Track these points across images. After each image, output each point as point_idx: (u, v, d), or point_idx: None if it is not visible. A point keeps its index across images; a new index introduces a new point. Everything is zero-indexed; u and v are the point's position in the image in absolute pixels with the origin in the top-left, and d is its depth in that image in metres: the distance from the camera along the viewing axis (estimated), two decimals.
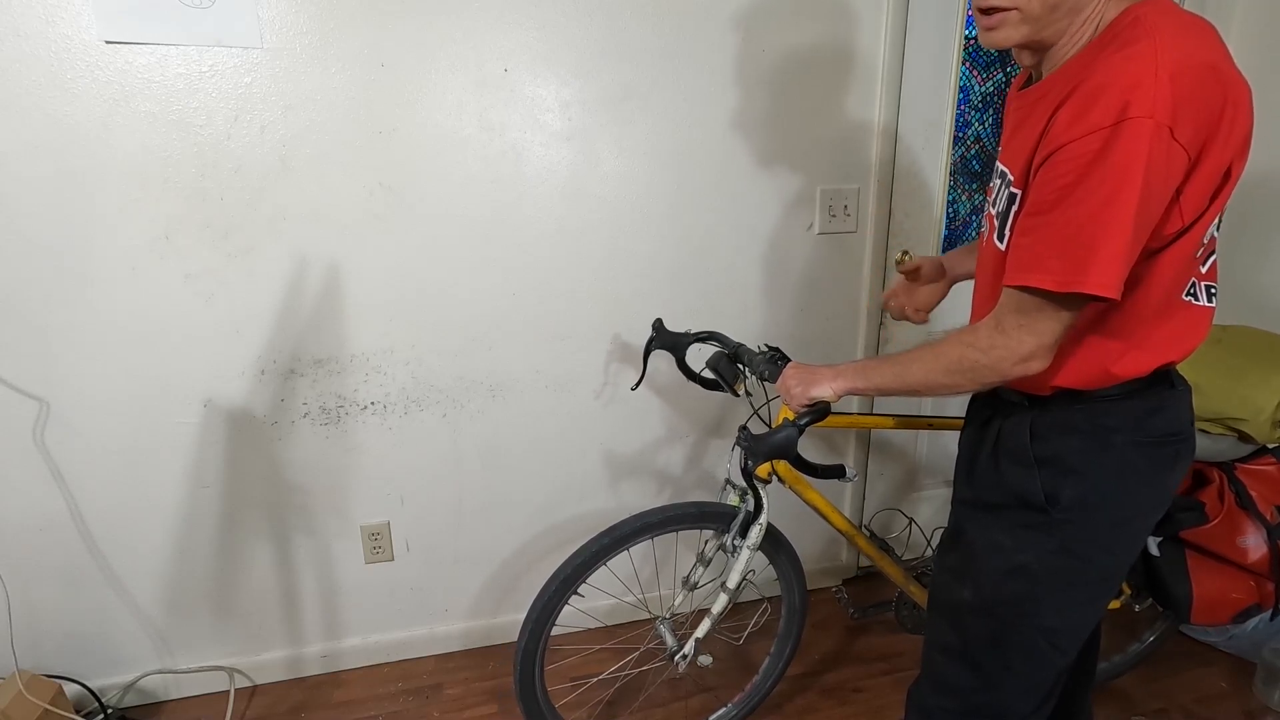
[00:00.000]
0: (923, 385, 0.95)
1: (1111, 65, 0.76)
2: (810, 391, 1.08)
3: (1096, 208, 0.76)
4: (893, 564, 1.53)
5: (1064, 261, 0.79)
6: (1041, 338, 0.84)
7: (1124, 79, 0.74)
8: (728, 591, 1.37)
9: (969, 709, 1.07)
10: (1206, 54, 0.77)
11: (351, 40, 1.43)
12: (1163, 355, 0.91)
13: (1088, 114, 0.75)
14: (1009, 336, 0.86)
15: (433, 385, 1.68)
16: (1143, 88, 0.73)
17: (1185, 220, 0.81)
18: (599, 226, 1.67)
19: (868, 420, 1.48)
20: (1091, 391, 0.93)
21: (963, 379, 0.91)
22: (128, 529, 1.60)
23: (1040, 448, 0.96)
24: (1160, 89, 0.73)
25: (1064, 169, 0.78)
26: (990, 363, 0.87)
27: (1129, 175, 0.74)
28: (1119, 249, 0.76)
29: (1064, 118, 0.78)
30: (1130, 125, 0.73)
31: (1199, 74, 0.75)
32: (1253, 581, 1.38)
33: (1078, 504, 0.94)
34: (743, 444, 1.19)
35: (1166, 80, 0.73)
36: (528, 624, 1.35)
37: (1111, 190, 0.75)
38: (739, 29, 1.61)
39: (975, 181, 1.93)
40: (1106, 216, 0.75)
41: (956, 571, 1.07)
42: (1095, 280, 0.77)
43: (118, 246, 1.43)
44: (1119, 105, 0.73)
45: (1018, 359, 0.86)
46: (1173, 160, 0.75)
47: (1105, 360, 0.90)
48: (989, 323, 0.88)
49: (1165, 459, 0.96)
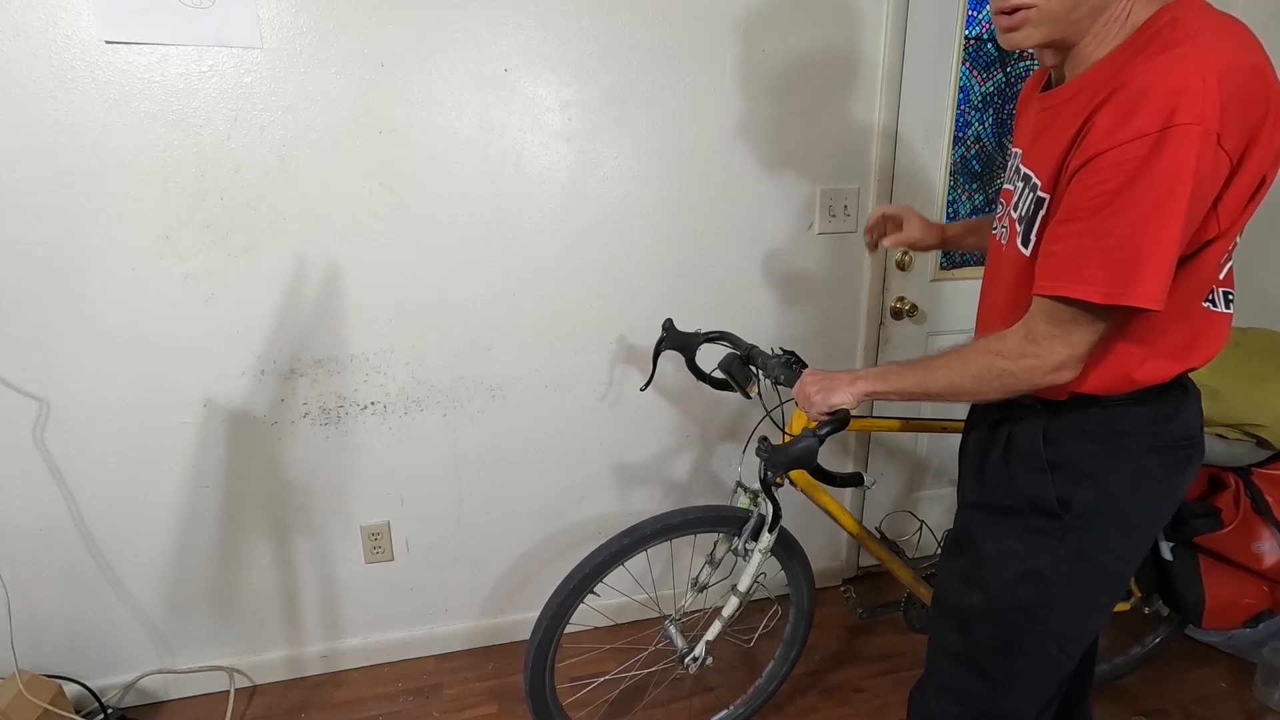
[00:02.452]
0: (947, 392, 0.93)
1: (1154, 68, 0.73)
2: (831, 399, 1.04)
3: (1143, 216, 0.73)
4: (902, 566, 1.52)
5: (1108, 272, 0.76)
6: (1074, 348, 0.82)
7: (1169, 83, 0.72)
8: (739, 595, 1.36)
9: (975, 714, 1.07)
10: (1250, 57, 0.75)
11: (351, 40, 1.43)
12: (1184, 362, 0.90)
13: (1131, 119, 0.73)
14: (1040, 346, 0.84)
15: (433, 385, 1.68)
16: (1190, 93, 0.71)
17: (1222, 228, 0.80)
18: (599, 226, 1.67)
19: (875, 423, 1.47)
20: (1106, 396, 0.91)
21: (989, 387, 0.89)
22: (128, 529, 1.60)
23: (1053, 452, 0.94)
24: (1208, 95, 0.71)
25: (1106, 175, 0.75)
26: (1020, 371, 0.86)
27: (1178, 184, 0.71)
28: (1166, 259, 0.74)
29: (1104, 123, 0.75)
30: (1178, 132, 0.70)
31: (1245, 77, 0.73)
32: (1266, 587, 1.37)
33: (1091, 509, 0.93)
34: (763, 455, 1.15)
35: (1215, 85, 0.71)
36: (542, 621, 1.34)
37: (1159, 199, 0.72)
38: (739, 29, 1.61)
39: (975, 182, 1.93)
40: (1154, 226, 0.73)
41: (965, 577, 1.05)
42: (1144, 292, 0.75)
43: (118, 246, 1.43)
44: (1165, 111, 0.71)
45: (1049, 369, 0.84)
46: (1218, 168, 0.74)
47: (1127, 367, 0.89)
48: (1019, 331, 0.86)
49: (1178, 463, 0.95)
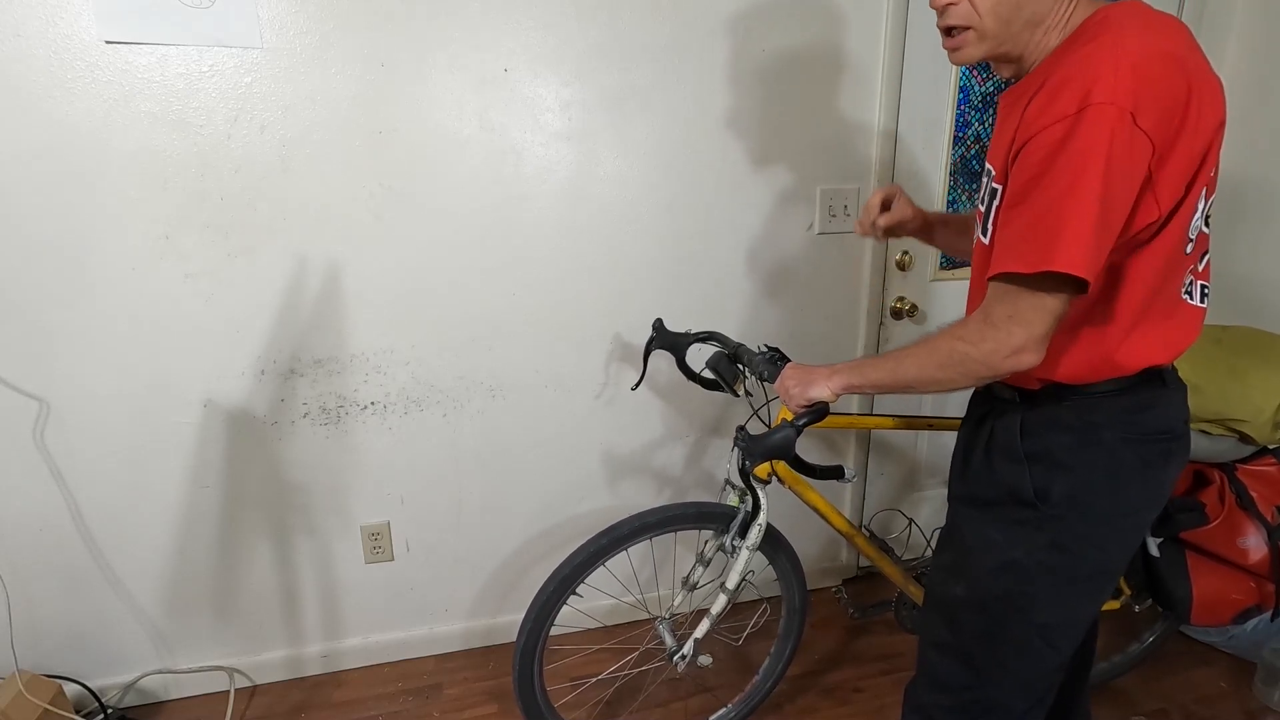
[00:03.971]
0: (917, 381, 0.94)
1: (1077, 59, 0.80)
2: (808, 392, 1.07)
3: (1062, 191, 0.78)
4: (892, 564, 1.53)
5: (1032, 245, 0.80)
6: (1030, 328, 0.84)
7: (1088, 70, 0.77)
8: (727, 592, 1.37)
9: (963, 705, 1.07)
10: (1169, 45, 0.80)
11: (351, 40, 1.43)
12: (1156, 352, 0.92)
13: (1053, 104, 0.78)
14: (998, 329, 0.85)
15: (433, 385, 1.68)
16: (1104, 77, 0.76)
17: (1163, 209, 0.82)
18: (599, 226, 1.67)
19: (868, 420, 1.48)
20: (1080, 387, 0.93)
21: (955, 373, 0.90)
22: (128, 529, 1.60)
23: (1030, 444, 0.96)
24: (1120, 76, 0.76)
25: (1032, 159, 0.80)
26: (981, 356, 0.87)
27: (1091, 158, 0.76)
28: (1084, 229, 0.77)
29: (1032, 111, 0.81)
30: (1092, 111, 0.75)
31: (1161, 62, 0.78)
32: (1253, 582, 1.38)
33: (1067, 500, 0.95)
34: (740, 444, 1.19)
35: (1128, 69, 0.76)
36: (526, 623, 1.35)
37: (1075, 174, 0.77)
38: (739, 29, 1.61)
39: (975, 181, 1.93)
40: (1071, 198, 0.77)
41: (950, 568, 1.07)
42: (1062, 259, 0.78)
43: (118, 246, 1.43)
44: (1081, 94, 0.76)
45: (1009, 351, 0.85)
46: (1135, 145, 0.77)
47: (1098, 354, 0.91)
48: (977, 316, 0.89)
49: (1156, 456, 0.96)
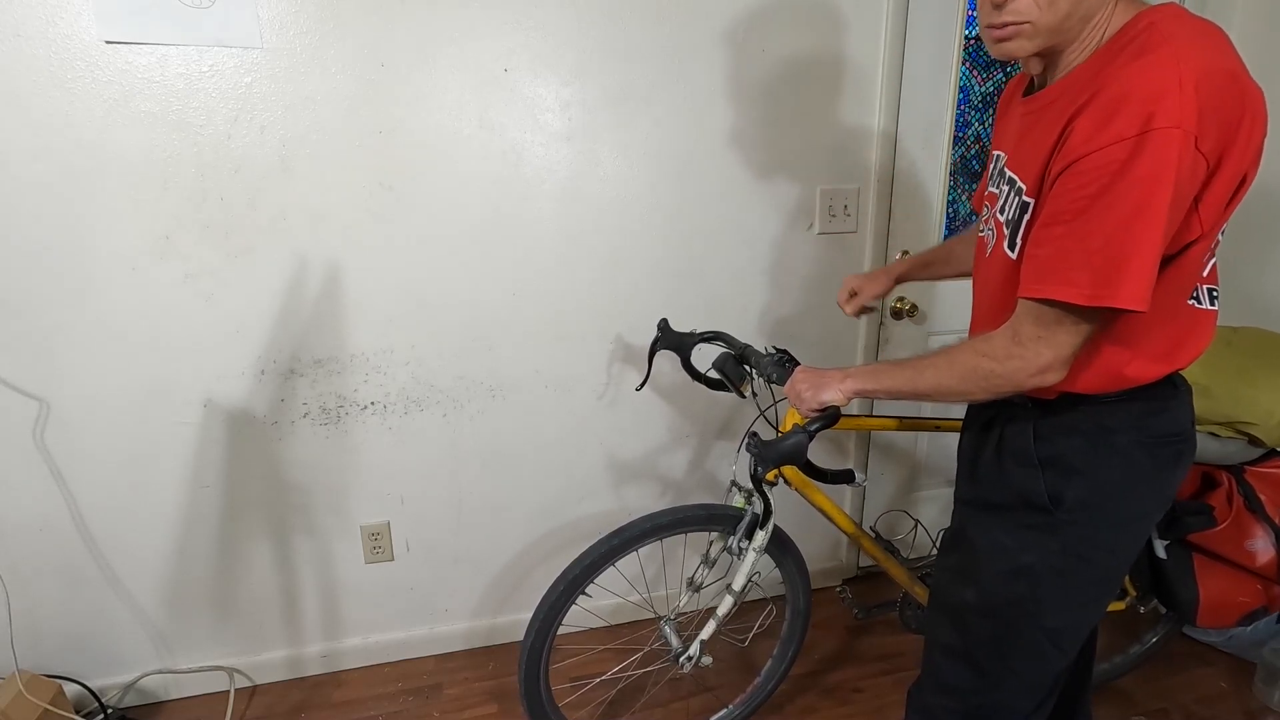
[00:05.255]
0: (934, 391, 0.94)
1: (1132, 73, 0.75)
2: (820, 396, 1.06)
3: (1125, 219, 0.75)
4: (897, 565, 1.52)
5: (1092, 274, 0.77)
6: (1060, 350, 0.83)
7: (1147, 88, 0.73)
8: (733, 594, 1.36)
9: (970, 709, 1.07)
10: (1226, 61, 0.77)
11: (351, 40, 1.43)
12: (1172, 360, 0.91)
13: (1110, 124, 0.74)
14: (1025, 348, 0.84)
15: (433, 385, 1.68)
16: (1168, 97, 0.72)
17: (1204, 228, 0.81)
18: (599, 226, 1.67)
19: (872, 422, 1.47)
20: (1096, 395, 0.93)
21: (975, 387, 0.90)
22: (128, 529, 1.60)
23: (1044, 449, 0.96)
24: (1186, 99, 0.72)
25: (1088, 179, 0.76)
26: (1006, 373, 0.87)
27: (1158, 186, 0.73)
28: (1149, 261, 0.75)
29: (1084, 127, 0.77)
30: (1158, 135, 0.72)
31: (1221, 82, 0.75)
32: (1260, 585, 1.38)
33: (1081, 504, 0.94)
34: (752, 450, 1.16)
35: (1192, 90, 0.72)
36: (534, 623, 1.34)
37: (1140, 201, 0.74)
38: (739, 29, 1.61)
39: (975, 182, 1.93)
40: (1136, 228, 0.74)
41: (959, 572, 1.07)
42: (1127, 294, 0.76)
43: (118, 247, 1.43)
44: (1144, 115, 0.72)
45: (1035, 370, 0.85)
46: (1196, 170, 0.75)
47: (1116, 367, 0.90)
48: (1005, 333, 0.87)
49: (1168, 458, 0.96)
